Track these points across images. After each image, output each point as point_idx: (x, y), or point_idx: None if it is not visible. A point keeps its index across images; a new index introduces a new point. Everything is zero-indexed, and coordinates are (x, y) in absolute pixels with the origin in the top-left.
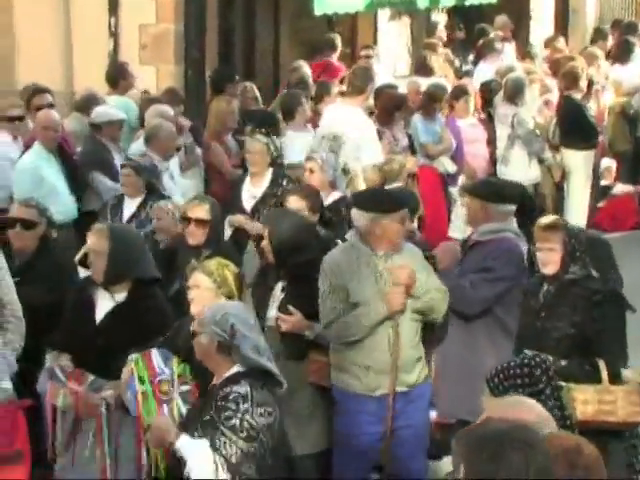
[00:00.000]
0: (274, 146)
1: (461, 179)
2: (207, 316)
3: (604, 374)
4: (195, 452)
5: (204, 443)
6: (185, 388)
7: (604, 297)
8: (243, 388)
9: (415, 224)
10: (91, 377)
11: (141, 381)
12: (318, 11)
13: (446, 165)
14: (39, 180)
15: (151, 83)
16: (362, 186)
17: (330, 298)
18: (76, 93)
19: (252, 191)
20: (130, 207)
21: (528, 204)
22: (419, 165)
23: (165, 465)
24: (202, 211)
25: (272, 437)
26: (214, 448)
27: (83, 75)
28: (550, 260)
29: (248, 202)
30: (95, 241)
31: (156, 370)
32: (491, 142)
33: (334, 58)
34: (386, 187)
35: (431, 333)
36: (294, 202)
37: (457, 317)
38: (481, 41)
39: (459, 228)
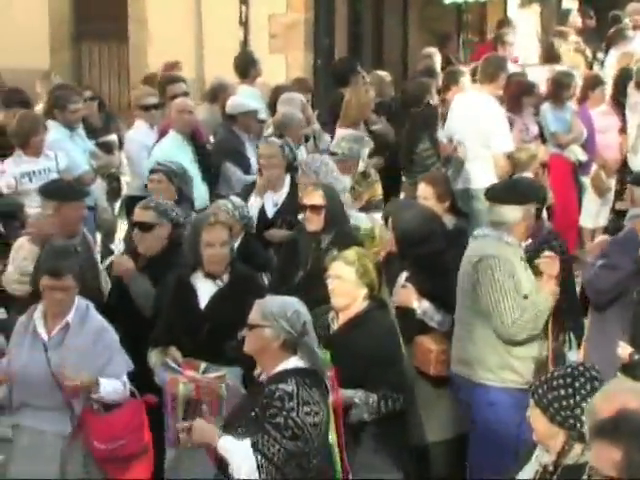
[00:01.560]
0: (289, 149)
1: (593, 168)
2: (272, 310)
3: None
4: (237, 453)
5: (246, 444)
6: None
7: None
8: (290, 386)
9: (545, 214)
10: (203, 364)
11: None
12: None
13: (577, 154)
14: None
15: (280, 72)
16: (380, 191)
17: (513, 295)
18: (207, 82)
19: (273, 198)
20: None
21: None
22: (550, 154)
23: None
24: (316, 197)
25: (318, 437)
26: (256, 448)
27: (214, 64)
28: None
29: (269, 209)
30: (219, 236)
31: None
32: (624, 131)
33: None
34: (515, 177)
35: None
36: (421, 190)
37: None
38: (613, 29)
39: (590, 217)
